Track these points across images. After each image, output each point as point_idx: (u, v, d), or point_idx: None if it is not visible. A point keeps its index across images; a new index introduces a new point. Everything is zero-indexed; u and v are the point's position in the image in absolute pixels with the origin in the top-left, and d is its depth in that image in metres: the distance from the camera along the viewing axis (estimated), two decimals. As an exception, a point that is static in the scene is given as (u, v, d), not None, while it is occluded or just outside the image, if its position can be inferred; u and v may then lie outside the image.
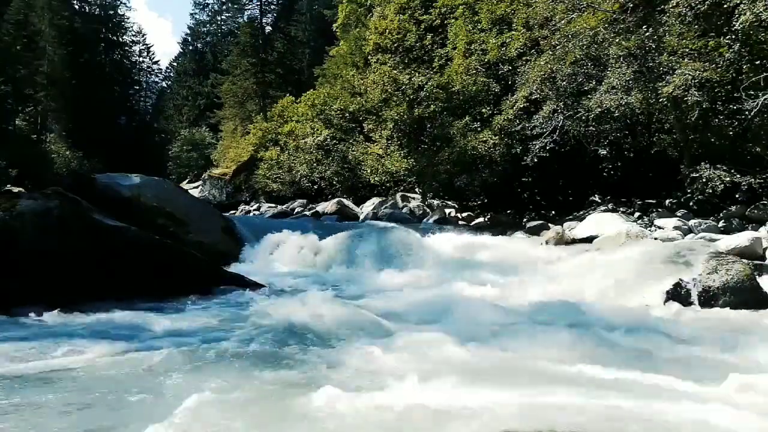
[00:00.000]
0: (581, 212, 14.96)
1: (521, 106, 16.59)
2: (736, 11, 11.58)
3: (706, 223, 12.13)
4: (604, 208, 14.79)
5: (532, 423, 3.46)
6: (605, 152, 15.53)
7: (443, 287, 8.80)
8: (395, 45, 22.08)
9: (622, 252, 9.45)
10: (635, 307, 7.14)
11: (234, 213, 26.30)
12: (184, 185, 37.02)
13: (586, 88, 14.89)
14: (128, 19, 64.69)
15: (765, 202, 12.46)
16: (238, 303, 7.59)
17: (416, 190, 20.37)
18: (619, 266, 8.47)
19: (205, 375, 4.50)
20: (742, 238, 10.09)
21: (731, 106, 12.67)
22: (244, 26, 45.26)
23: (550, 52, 15.28)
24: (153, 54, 55.58)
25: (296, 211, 24.26)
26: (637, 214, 13.91)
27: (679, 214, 13.17)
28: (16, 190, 11.28)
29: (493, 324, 6.18)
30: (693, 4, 12.39)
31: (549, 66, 15.16)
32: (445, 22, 22.19)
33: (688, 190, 13.38)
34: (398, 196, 20.36)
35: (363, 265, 11.00)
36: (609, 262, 8.93)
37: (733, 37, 12.15)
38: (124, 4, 72.61)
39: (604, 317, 6.56)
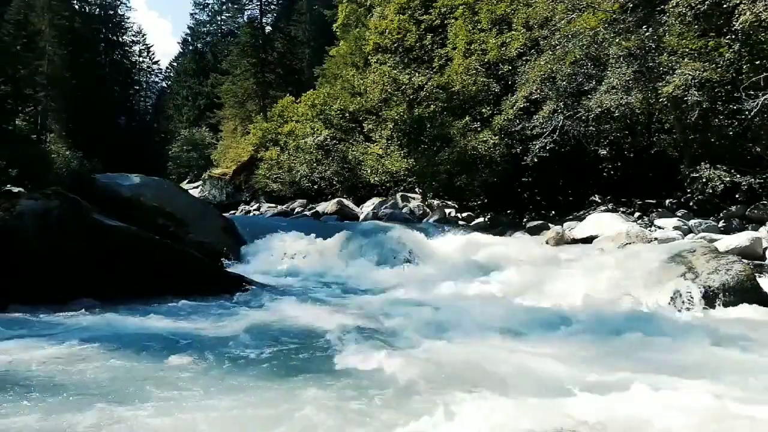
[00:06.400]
0: (581, 212, 14.94)
1: (521, 106, 16.56)
2: (736, 11, 11.57)
3: (706, 223, 12.14)
4: (604, 208, 14.78)
5: (530, 424, 3.46)
6: (605, 152, 15.51)
7: (443, 287, 8.80)
8: (395, 45, 22.03)
9: (622, 252, 9.46)
10: (635, 308, 7.14)
11: (234, 213, 26.27)
12: (184, 185, 36.96)
13: (586, 88, 14.87)
14: (128, 19, 64.73)
15: (765, 202, 12.46)
16: (238, 303, 7.60)
17: (416, 190, 20.34)
18: (619, 267, 8.47)
19: (205, 375, 4.50)
20: (742, 238, 10.10)
21: (731, 106, 12.65)
22: (244, 26, 45.18)
23: (550, 52, 15.26)
24: (153, 54, 55.33)
25: (296, 211, 24.25)
26: (637, 214, 13.91)
27: (679, 214, 13.18)
28: (16, 190, 11.26)
29: (495, 325, 6.18)
30: (693, 4, 12.37)
31: (549, 66, 15.14)
32: (445, 22, 22.14)
33: (688, 190, 13.37)
34: (398, 196, 20.34)
35: (363, 264, 11.02)
36: (608, 262, 8.92)
37: (733, 37, 12.15)
38: (124, 4, 72.52)
39: (603, 318, 6.57)
